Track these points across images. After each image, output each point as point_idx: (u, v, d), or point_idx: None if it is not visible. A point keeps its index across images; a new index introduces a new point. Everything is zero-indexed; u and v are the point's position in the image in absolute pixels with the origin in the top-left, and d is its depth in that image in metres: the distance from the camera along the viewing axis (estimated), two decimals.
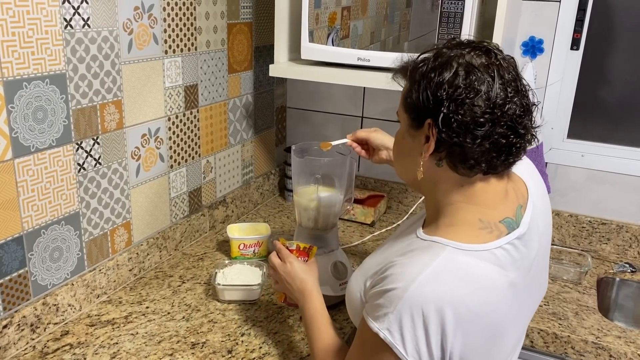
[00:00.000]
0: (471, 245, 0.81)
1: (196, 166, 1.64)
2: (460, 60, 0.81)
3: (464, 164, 0.82)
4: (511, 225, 0.85)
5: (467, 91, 0.78)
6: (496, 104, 0.79)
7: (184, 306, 1.34)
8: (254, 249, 1.54)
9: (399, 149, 0.93)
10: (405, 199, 1.98)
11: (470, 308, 0.77)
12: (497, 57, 0.82)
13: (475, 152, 0.80)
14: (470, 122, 0.78)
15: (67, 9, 1.15)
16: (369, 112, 1.98)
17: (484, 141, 0.79)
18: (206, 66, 1.60)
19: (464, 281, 0.78)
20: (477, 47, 0.83)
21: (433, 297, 0.76)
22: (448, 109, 0.79)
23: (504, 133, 0.79)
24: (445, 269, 0.79)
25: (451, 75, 0.80)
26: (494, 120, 0.79)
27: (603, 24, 1.66)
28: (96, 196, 1.31)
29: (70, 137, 1.21)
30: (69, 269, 1.27)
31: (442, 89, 0.79)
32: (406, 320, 0.77)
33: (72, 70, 1.19)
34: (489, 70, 0.80)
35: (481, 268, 0.80)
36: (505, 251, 0.83)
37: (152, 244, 1.49)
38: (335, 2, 1.57)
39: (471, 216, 0.84)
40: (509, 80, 0.80)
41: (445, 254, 0.80)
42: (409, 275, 0.79)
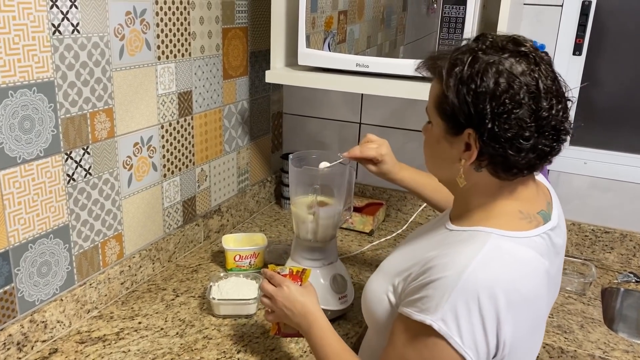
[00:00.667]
0: (514, 232, 0.82)
1: (190, 175, 1.60)
2: (500, 67, 0.78)
3: (508, 172, 0.82)
4: (546, 217, 0.88)
5: (512, 105, 0.77)
6: (541, 115, 0.78)
7: (178, 321, 1.29)
8: (250, 260, 1.50)
9: (433, 152, 0.91)
10: (404, 206, 1.94)
11: (520, 293, 0.78)
12: (536, 60, 0.80)
13: (520, 162, 0.80)
14: (516, 136, 0.78)
15: (55, 14, 1.11)
16: (367, 118, 1.94)
17: (529, 153, 0.79)
18: (200, 72, 1.56)
19: (513, 267, 0.79)
20: (515, 52, 0.80)
21: (487, 283, 0.76)
22: (492, 123, 0.77)
23: (548, 143, 0.80)
24: (495, 255, 0.79)
25: (493, 86, 0.77)
26: (538, 132, 0.78)
27: (606, 28, 1.63)
28: (86, 208, 1.26)
29: (59, 147, 1.17)
30: (57, 284, 1.22)
31: (485, 101, 0.77)
32: (461, 308, 0.76)
33: (60, 78, 1.14)
34: (531, 80, 0.78)
35: (526, 254, 0.81)
36: (543, 240, 0.85)
37: (144, 255, 1.44)
38: (331, 6, 1.54)
39: (511, 208, 0.85)
40: (550, 86, 0.79)
41: (492, 240, 0.80)
42: (459, 263, 0.78)
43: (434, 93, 0.86)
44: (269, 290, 1.07)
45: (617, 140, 1.68)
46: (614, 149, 1.68)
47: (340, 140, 2.00)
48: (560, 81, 0.82)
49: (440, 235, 0.90)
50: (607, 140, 1.69)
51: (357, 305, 1.37)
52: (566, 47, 1.63)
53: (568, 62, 1.65)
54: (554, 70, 0.82)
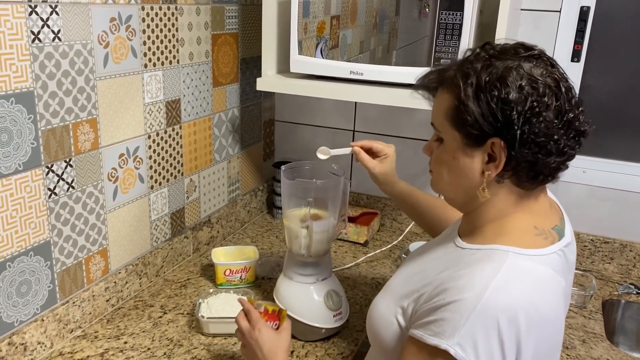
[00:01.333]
0: (531, 250, 0.79)
1: (179, 186, 1.54)
2: (520, 71, 0.76)
3: (534, 179, 0.80)
4: (560, 233, 0.85)
5: (540, 108, 0.75)
6: (567, 117, 0.77)
7: (166, 340, 1.24)
8: (241, 274, 1.45)
9: (450, 169, 0.85)
10: (399, 216, 1.90)
11: (541, 314, 0.75)
12: (551, 62, 0.80)
13: (548, 167, 0.78)
14: (547, 140, 0.76)
15: (34, 21, 1.05)
16: (360, 125, 1.90)
17: (557, 156, 0.77)
18: (189, 80, 1.51)
19: (533, 287, 0.76)
20: (530, 56, 0.79)
21: (507, 306, 0.73)
22: (522, 128, 0.75)
23: (572, 145, 0.79)
24: (513, 275, 0.76)
25: (517, 91, 0.75)
26: (565, 133, 0.77)
27: (604, 35, 1.59)
28: (69, 223, 1.21)
29: (39, 160, 1.11)
30: (38, 304, 1.16)
31: (512, 107, 0.75)
32: (480, 333, 0.72)
33: (40, 88, 1.09)
34: (552, 81, 0.77)
35: (544, 273, 0.78)
36: (559, 257, 0.82)
37: (131, 271, 1.39)
38: (324, 11, 1.50)
39: (525, 224, 0.82)
40: (568, 87, 0.79)
41: (509, 260, 0.77)
42: (477, 284, 0.74)
43: (444, 105, 0.82)
44: (242, 328, 1.02)
45: (616, 149, 1.65)
46: (614, 157, 1.65)
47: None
48: (570, 83, 0.81)
49: (452, 254, 0.86)
50: (607, 149, 1.65)
51: (352, 322, 1.33)
52: (564, 53, 1.60)
53: (566, 69, 1.60)
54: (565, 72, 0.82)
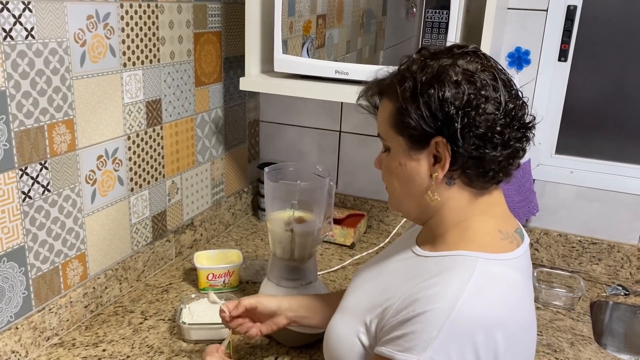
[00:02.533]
0: (500, 254, 0.77)
1: (160, 188, 1.50)
2: (455, 68, 0.75)
3: (483, 177, 0.78)
4: (522, 235, 0.83)
5: (477, 100, 0.74)
6: (507, 108, 0.75)
7: (146, 348, 1.20)
8: (224, 279, 1.41)
9: (399, 177, 0.83)
10: (386, 217, 1.87)
11: (518, 323, 0.73)
12: (485, 56, 0.79)
13: (495, 162, 0.76)
14: (488, 132, 0.74)
15: (6, 18, 1.01)
16: (346, 126, 1.87)
17: (503, 149, 0.75)
18: (170, 79, 1.47)
19: (507, 294, 0.73)
20: (463, 52, 0.78)
21: (482, 316, 0.69)
22: (462, 122, 0.73)
23: (517, 137, 0.77)
24: (487, 282, 0.73)
25: (453, 87, 0.74)
26: (508, 125, 0.75)
27: (590, 35, 1.58)
28: (45, 227, 1.17)
29: (12, 162, 1.07)
30: (12, 311, 1.12)
31: (450, 103, 0.74)
32: (454, 346, 0.68)
33: (13, 88, 1.05)
34: (487, 75, 0.75)
35: (515, 279, 0.76)
36: (525, 260, 0.81)
37: (110, 276, 1.35)
38: (310, 10, 1.47)
39: (489, 228, 0.80)
40: (505, 80, 0.77)
41: (480, 266, 0.74)
42: (449, 292, 0.71)
43: (386, 113, 0.82)
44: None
45: (604, 149, 1.63)
46: (602, 158, 1.63)
47: (320, 149, 1.92)
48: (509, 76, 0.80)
49: (413, 264, 0.81)
50: (594, 149, 1.64)
51: None
52: (551, 53, 1.58)
53: (553, 69, 1.60)
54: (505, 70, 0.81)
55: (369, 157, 1.86)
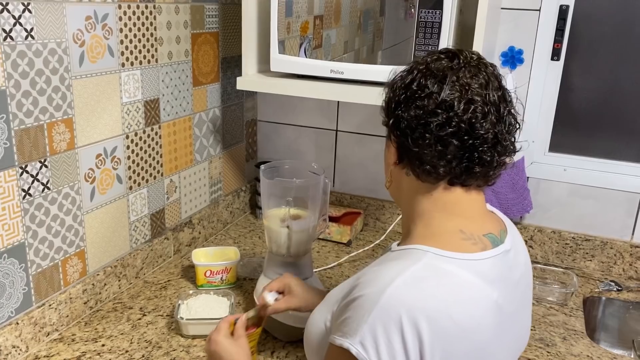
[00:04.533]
0: (455, 253, 0.75)
1: (158, 186, 1.52)
2: (421, 67, 0.79)
3: (422, 170, 0.78)
4: (495, 241, 0.80)
5: (418, 91, 0.76)
6: (445, 103, 0.75)
7: (144, 343, 1.22)
8: (222, 275, 1.43)
9: (384, 162, 0.89)
10: (382, 215, 1.89)
11: (454, 320, 0.70)
12: (464, 61, 0.78)
13: (428, 156, 0.76)
14: (418, 122, 0.76)
15: (6, 19, 1.04)
16: (343, 125, 1.89)
17: (436, 143, 0.75)
18: (168, 79, 1.49)
19: (447, 290, 0.71)
20: (444, 53, 0.80)
21: (411, 304, 0.69)
22: (400, 110, 0.78)
23: (455, 133, 0.75)
24: (427, 274, 0.72)
25: (408, 81, 0.79)
26: (443, 121, 0.74)
27: (583, 34, 1.60)
28: (44, 224, 1.19)
29: (12, 160, 1.09)
30: (13, 307, 1.14)
31: (398, 92, 0.79)
32: (381, 331, 0.68)
33: (13, 87, 1.07)
34: (446, 73, 0.76)
35: (466, 279, 0.73)
36: (492, 266, 0.77)
37: (109, 272, 1.37)
38: (307, 10, 1.49)
39: (451, 226, 0.79)
40: (468, 82, 0.76)
41: (427, 259, 0.74)
42: (384, 279, 0.71)
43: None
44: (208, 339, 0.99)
45: (597, 146, 1.65)
46: (594, 155, 1.65)
47: (317, 148, 1.94)
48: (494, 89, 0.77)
49: (383, 259, 0.82)
50: (587, 147, 1.66)
51: None
52: (544, 52, 1.60)
53: (546, 68, 1.61)
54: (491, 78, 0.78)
55: (366, 156, 1.88)
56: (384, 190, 1.87)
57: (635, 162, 1.62)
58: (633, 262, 1.64)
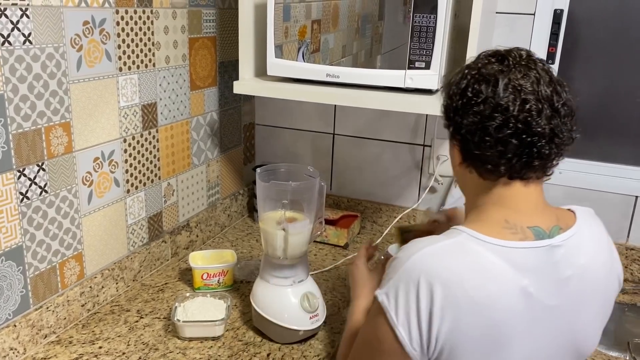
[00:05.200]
0: (488, 237, 0.81)
1: (156, 190, 1.53)
2: (474, 72, 0.84)
3: (484, 169, 0.84)
4: (540, 234, 0.83)
5: (474, 98, 0.82)
6: (501, 107, 0.79)
7: (141, 345, 1.23)
8: (219, 278, 1.44)
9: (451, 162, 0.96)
10: (379, 218, 1.90)
11: (467, 292, 0.76)
12: (513, 61, 0.82)
13: (489, 157, 0.82)
14: (476, 128, 0.81)
15: (4, 24, 1.05)
16: (340, 129, 1.90)
17: (496, 145, 0.80)
18: (166, 83, 1.51)
19: (467, 266, 0.78)
20: (494, 56, 0.85)
21: (429, 270, 0.78)
22: (459, 116, 0.84)
23: (514, 134, 0.80)
24: (454, 250, 0.80)
25: (463, 87, 0.84)
26: (505, 124, 0.79)
27: (578, 37, 1.61)
28: (42, 227, 1.20)
29: (10, 164, 1.10)
30: (10, 309, 1.15)
31: (454, 98, 0.85)
32: (402, 287, 0.79)
33: (11, 91, 1.08)
34: (497, 77, 0.81)
35: (491, 260, 0.79)
36: (527, 255, 0.81)
37: (107, 275, 1.38)
38: (305, 15, 1.50)
39: (498, 216, 0.85)
40: (519, 84, 0.80)
41: (460, 238, 0.81)
42: (416, 247, 0.82)
43: None
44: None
45: (592, 149, 1.66)
46: (590, 158, 1.66)
47: (314, 151, 1.95)
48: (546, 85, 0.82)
49: None
50: (582, 149, 1.67)
51: (330, 324, 1.33)
52: (539, 56, 1.61)
53: None
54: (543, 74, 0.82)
55: (363, 159, 1.89)
56: (380, 194, 1.89)
57: (630, 164, 1.63)
58: (629, 265, 1.64)
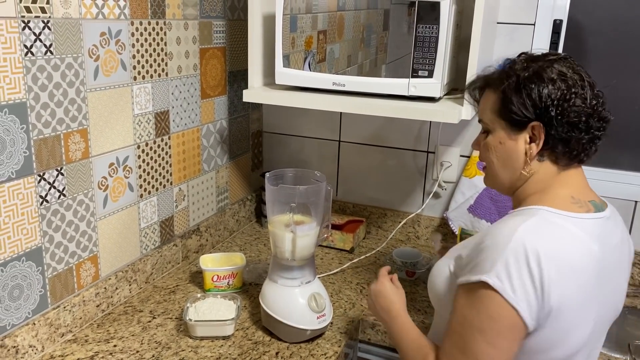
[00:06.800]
0: (564, 212, 0.92)
1: (168, 195, 1.59)
2: (553, 69, 0.94)
3: (569, 155, 0.95)
4: (598, 207, 0.97)
5: (569, 95, 0.93)
6: (590, 102, 0.93)
7: (154, 344, 1.28)
8: (229, 280, 1.49)
9: (498, 154, 1.01)
10: (384, 223, 1.94)
11: (566, 260, 0.87)
12: (575, 63, 0.97)
13: (579, 144, 0.94)
14: (576, 120, 0.92)
15: (27, 35, 1.11)
16: (346, 136, 1.95)
17: (585, 134, 0.93)
18: (178, 92, 1.56)
19: (559, 236, 0.89)
20: (555, 58, 0.97)
21: (534, 245, 0.85)
22: (557, 111, 0.92)
23: (597, 125, 0.95)
24: (542, 224, 0.89)
25: (551, 83, 0.93)
26: (590, 115, 0.93)
27: (577, 46, 1.66)
28: (60, 229, 1.25)
29: (31, 168, 1.16)
30: (30, 308, 1.20)
31: (547, 96, 0.93)
32: (512, 266, 0.85)
33: (33, 99, 1.14)
34: (576, 76, 0.94)
35: (572, 230, 0.90)
36: (594, 225, 0.93)
37: (121, 277, 1.42)
38: (311, 26, 1.55)
39: (564, 193, 0.95)
40: (590, 82, 0.95)
41: (541, 213, 0.91)
42: (509, 229, 0.88)
43: (491, 101, 1.01)
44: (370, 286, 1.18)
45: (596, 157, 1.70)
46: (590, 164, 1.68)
47: (320, 158, 2.00)
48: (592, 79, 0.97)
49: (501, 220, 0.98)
50: None
51: (337, 324, 1.37)
52: None
53: None
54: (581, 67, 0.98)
55: (368, 166, 1.94)
56: (385, 199, 1.93)
57: (629, 170, 1.67)
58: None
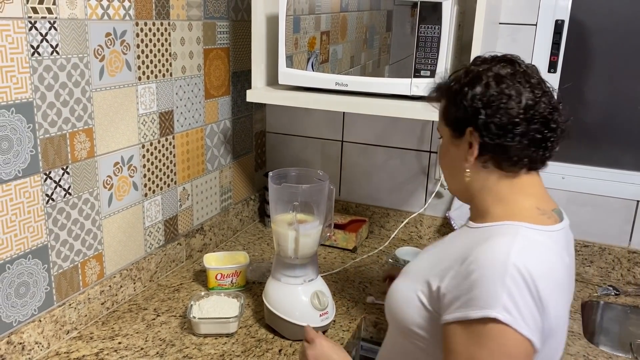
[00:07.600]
0: (539, 226, 0.89)
1: (172, 194, 1.60)
2: (489, 73, 0.91)
3: (509, 162, 0.91)
4: (560, 215, 0.96)
5: (500, 97, 0.89)
6: (527, 105, 0.89)
7: (158, 341, 1.29)
8: (232, 278, 1.50)
9: (445, 160, 1.02)
10: (387, 223, 1.95)
11: (555, 279, 0.86)
12: (521, 65, 0.93)
13: (516, 149, 0.90)
14: (507, 124, 0.89)
15: (34, 36, 1.12)
16: (348, 136, 1.96)
17: (522, 138, 0.89)
18: (182, 92, 1.57)
19: (546, 255, 0.87)
20: (502, 60, 0.94)
21: (528, 267, 0.82)
22: (486, 115, 0.89)
23: (538, 129, 0.89)
24: (528, 244, 0.86)
25: (483, 87, 0.90)
26: (527, 119, 0.89)
27: (579, 46, 1.67)
28: (66, 228, 1.26)
29: (37, 167, 1.17)
30: (36, 305, 1.21)
31: (477, 100, 0.90)
32: (516, 293, 0.80)
33: (39, 99, 1.15)
34: (516, 77, 0.91)
35: (550, 246, 0.88)
36: (562, 236, 0.92)
37: (125, 275, 1.44)
38: (314, 26, 1.56)
39: (529, 204, 0.92)
40: (534, 83, 0.91)
41: (522, 232, 0.88)
42: (499, 254, 0.83)
43: (440, 109, 1.00)
44: (302, 346, 1.08)
45: (594, 155, 1.71)
46: (592, 164, 1.71)
47: (323, 158, 2.01)
48: (547, 83, 0.94)
49: (468, 234, 0.95)
50: (584, 155, 1.72)
51: (339, 322, 1.38)
52: (541, 65, 1.66)
53: None
54: (540, 75, 0.94)
55: (370, 165, 1.95)
56: (388, 199, 1.94)
57: (631, 170, 1.67)
58: (631, 268, 1.68)
